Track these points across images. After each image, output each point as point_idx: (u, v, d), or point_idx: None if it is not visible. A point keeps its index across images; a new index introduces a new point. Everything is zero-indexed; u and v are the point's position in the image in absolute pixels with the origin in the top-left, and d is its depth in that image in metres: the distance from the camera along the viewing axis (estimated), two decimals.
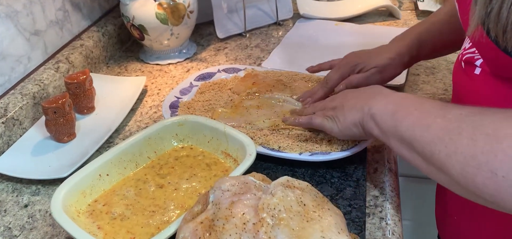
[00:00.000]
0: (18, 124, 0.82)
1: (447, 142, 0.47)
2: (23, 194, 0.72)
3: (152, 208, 0.62)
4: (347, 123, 0.63)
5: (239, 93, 0.85)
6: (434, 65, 1.01)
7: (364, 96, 0.62)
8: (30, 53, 0.90)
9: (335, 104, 0.67)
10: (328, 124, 0.66)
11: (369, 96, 0.61)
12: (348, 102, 0.64)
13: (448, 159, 0.46)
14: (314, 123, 0.69)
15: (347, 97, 0.65)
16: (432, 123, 0.49)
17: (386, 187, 0.69)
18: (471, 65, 0.58)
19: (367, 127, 0.60)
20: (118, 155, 0.67)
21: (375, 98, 0.60)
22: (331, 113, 0.66)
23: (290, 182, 0.53)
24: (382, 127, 0.57)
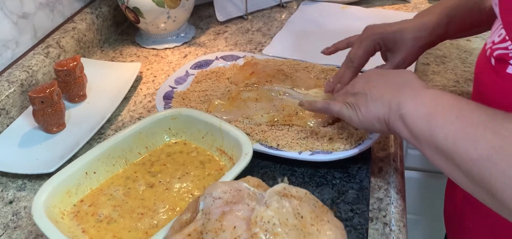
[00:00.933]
0: (5, 113, 0.78)
1: (501, 165, 0.40)
2: (9, 188, 0.69)
3: (141, 210, 0.59)
4: (369, 116, 0.56)
5: (237, 83, 0.80)
6: (445, 54, 0.95)
7: (391, 86, 0.54)
8: (18, 38, 0.85)
9: (357, 89, 0.58)
10: (348, 112, 0.59)
11: (398, 88, 0.53)
12: (372, 91, 0.56)
13: (504, 186, 0.40)
14: (332, 109, 0.61)
15: (371, 84, 0.57)
16: (480, 138, 0.42)
17: (391, 189, 0.65)
18: (503, 63, 0.51)
19: (394, 127, 0.53)
20: (107, 151, 0.63)
21: (404, 93, 0.52)
22: (352, 100, 0.59)
23: (286, 190, 0.49)
24: (414, 132, 0.50)
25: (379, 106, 0.55)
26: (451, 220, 0.72)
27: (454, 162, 0.45)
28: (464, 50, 0.96)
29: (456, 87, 0.86)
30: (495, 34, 0.53)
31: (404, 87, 0.53)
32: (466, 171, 0.44)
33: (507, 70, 0.51)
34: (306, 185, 0.64)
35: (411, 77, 0.55)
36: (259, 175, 0.66)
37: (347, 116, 0.59)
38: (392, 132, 0.55)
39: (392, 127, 0.54)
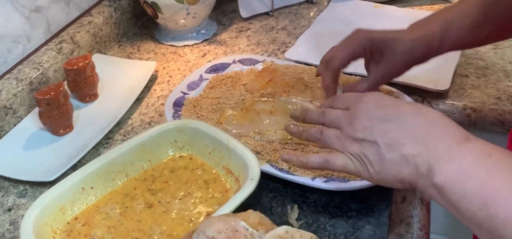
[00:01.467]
0: (12, 113, 0.76)
1: None
2: (10, 194, 0.66)
3: (136, 234, 0.55)
4: (387, 176, 0.44)
5: (252, 92, 0.75)
6: (487, 65, 0.86)
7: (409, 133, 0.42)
8: (29, 33, 0.82)
9: (361, 134, 0.45)
10: (355, 169, 0.47)
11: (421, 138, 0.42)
12: (385, 140, 0.43)
13: None
14: (334, 165, 0.48)
15: (380, 126, 0.44)
16: None
17: (414, 223, 0.59)
18: None
19: (428, 193, 0.42)
20: (106, 165, 0.60)
21: (432, 149, 0.40)
22: (358, 150, 0.46)
23: (289, 234, 0.43)
24: (461, 211, 0.38)
25: (400, 165, 0.43)
26: None
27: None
28: (510, 62, 0.86)
29: (497, 105, 0.77)
30: None
31: (430, 137, 0.42)
32: None
33: None
34: (319, 215, 0.58)
35: (434, 116, 0.43)
36: (267, 199, 0.60)
37: (355, 172, 0.47)
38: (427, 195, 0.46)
39: (426, 192, 0.42)
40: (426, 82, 0.78)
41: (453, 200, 0.39)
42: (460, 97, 0.79)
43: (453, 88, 0.81)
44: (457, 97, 0.79)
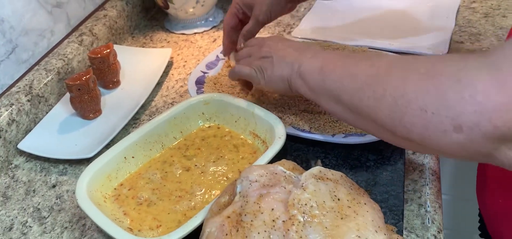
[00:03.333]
0: (44, 101, 0.81)
1: (375, 87, 0.46)
2: (51, 173, 0.72)
3: (179, 193, 0.60)
4: (274, 76, 0.61)
5: None
6: (480, 32, 0.92)
7: (294, 50, 0.60)
8: (53, 27, 0.87)
9: (264, 54, 0.63)
10: (256, 76, 0.64)
11: (300, 51, 0.59)
12: (278, 53, 0.62)
13: (376, 103, 0.45)
14: (243, 72, 0.66)
15: (277, 47, 0.63)
16: (359, 72, 0.49)
17: (426, 170, 0.65)
18: None
19: (295, 85, 0.59)
20: (144, 137, 0.65)
21: (304, 54, 0.58)
22: (259, 63, 0.64)
23: (322, 173, 0.49)
24: (311, 84, 0.56)
25: (283, 67, 0.60)
26: (483, 197, 0.71)
27: (342, 101, 0.51)
28: (500, 27, 0.93)
29: None
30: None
31: (306, 50, 0.59)
32: (350, 105, 0.50)
33: None
34: (340, 167, 0.64)
35: (314, 45, 0.62)
36: (292, 158, 0.66)
37: (255, 79, 0.64)
38: (293, 90, 0.60)
39: (293, 85, 0.59)
40: (426, 49, 0.85)
41: (307, 77, 0.56)
42: None
43: (450, 53, 0.87)
44: None
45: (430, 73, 0.41)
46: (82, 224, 0.63)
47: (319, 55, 0.57)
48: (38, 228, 0.63)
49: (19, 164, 0.74)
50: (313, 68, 0.55)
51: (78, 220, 0.63)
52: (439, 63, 0.42)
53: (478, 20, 0.96)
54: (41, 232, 0.62)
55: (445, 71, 0.40)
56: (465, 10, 0.99)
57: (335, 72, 0.52)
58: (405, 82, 0.43)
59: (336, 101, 0.52)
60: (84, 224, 0.63)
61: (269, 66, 0.62)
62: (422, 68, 0.42)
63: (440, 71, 0.41)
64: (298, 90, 0.59)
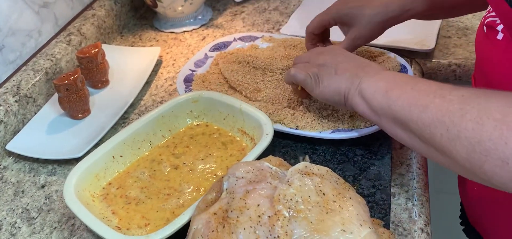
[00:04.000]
0: (32, 102, 0.80)
1: (448, 125, 0.44)
2: (40, 174, 0.71)
3: (167, 191, 0.60)
4: (331, 88, 0.59)
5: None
6: (467, 26, 0.93)
7: (354, 64, 0.59)
8: (40, 27, 0.87)
9: (323, 61, 0.61)
10: (311, 82, 0.61)
11: (360, 67, 0.58)
12: (338, 66, 0.59)
13: (451, 143, 0.43)
14: (298, 78, 0.63)
15: (338, 59, 0.61)
16: (430, 103, 0.46)
17: (413, 164, 0.65)
18: (493, 30, 0.53)
19: (352, 102, 0.57)
20: (132, 135, 0.65)
21: (365, 71, 0.56)
22: (316, 71, 0.61)
23: (308, 168, 0.49)
24: (373, 105, 0.54)
25: (342, 81, 0.58)
26: (463, 186, 0.72)
27: (410, 129, 0.49)
28: None
29: None
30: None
31: (366, 67, 0.57)
32: (420, 135, 0.48)
33: (497, 37, 0.52)
34: (328, 162, 0.65)
35: (374, 63, 0.59)
36: (280, 154, 0.67)
37: (309, 85, 0.62)
38: (348, 106, 0.58)
39: (349, 102, 0.57)
40: (413, 44, 0.86)
41: (369, 96, 0.54)
42: (445, 56, 0.86)
43: (438, 48, 0.88)
44: (442, 56, 0.86)
45: (507, 121, 0.40)
46: (71, 224, 0.63)
47: (382, 75, 0.55)
48: (27, 228, 0.63)
49: (7, 165, 0.74)
50: (377, 89, 0.53)
51: (68, 220, 0.63)
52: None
53: (465, 15, 0.97)
54: (30, 232, 0.62)
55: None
56: None
57: (402, 98, 0.50)
58: (481, 128, 0.41)
59: (403, 129, 0.50)
60: (73, 224, 0.63)
61: (326, 76, 0.60)
62: (498, 112, 0.40)
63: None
64: (354, 108, 0.57)
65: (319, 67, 0.61)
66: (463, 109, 0.43)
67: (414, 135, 0.49)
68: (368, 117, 0.55)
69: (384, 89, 0.52)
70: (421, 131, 0.47)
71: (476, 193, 0.67)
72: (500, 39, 0.52)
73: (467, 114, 0.42)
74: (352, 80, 0.57)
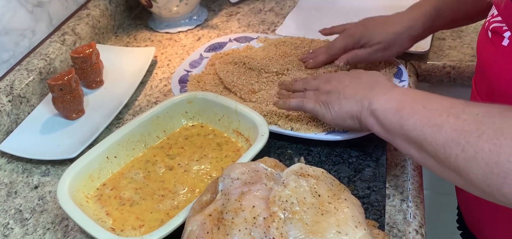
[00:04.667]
0: (26, 102, 0.80)
1: (464, 145, 0.43)
2: (33, 174, 0.71)
3: (161, 192, 0.60)
4: (342, 113, 0.59)
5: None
6: (461, 29, 0.94)
7: (363, 85, 0.58)
8: (34, 26, 0.86)
9: (330, 88, 0.61)
10: (321, 110, 0.61)
11: (368, 87, 0.57)
12: (345, 90, 0.59)
13: (467, 164, 0.43)
14: (306, 107, 0.63)
15: (344, 83, 0.60)
16: (444, 123, 0.46)
17: (408, 166, 0.66)
18: (498, 36, 0.53)
19: (366, 123, 0.56)
20: (126, 136, 0.65)
21: (375, 91, 0.56)
22: (325, 99, 0.61)
23: (303, 169, 0.49)
24: (385, 125, 0.53)
25: (351, 104, 0.58)
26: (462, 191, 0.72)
27: (423, 149, 0.48)
28: (481, 24, 0.94)
29: (473, 61, 0.84)
30: (494, 8, 0.54)
31: (375, 87, 0.57)
32: (434, 155, 0.47)
33: (502, 43, 0.52)
34: (323, 164, 0.65)
35: (382, 78, 0.59)
36: (275, 155, 0.67)
37: (320, 114, 0.62)
38: (364, 127, 0.58)
39: (364, 123, 0.57)
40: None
41: (381, 117, 0.54)
42: (439, 57, 0.86)
43: (433, 50, 0.88)
44: (436, 58, 0.87)
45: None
46: (65, 225, 0.62)
47: (392, 94, 0.54)
48: (20, 229, 0.62)
49: (0, 165, 0.73)
50: (388, 109, 0.53)
51: (61, 221, 0.63)
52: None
53: None
54: (23, 233, 0.62)
55: None
56: None
57: (415, 118, 0.49)
58: (499, 149, 0.40)
59: (417, 149, 0.49)
60: (67, 225, 0.62)
61: (336, 102, 0.60)
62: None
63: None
64: (370, 129, 0.57)
65: (328, 94, 0.61)
66: (479, 130, 0.42)
67: (428, 155, 0.48)
68: (383, 137, 0.55)
69: (395, 109, 0.52)
70: (436, 152, 0.46)
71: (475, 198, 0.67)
72: (505, 46, 0.52)
73: (484, 135, 0.41)
74: (362, 102, 0.56)
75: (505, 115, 0.42)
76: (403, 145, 0.52)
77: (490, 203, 0.63)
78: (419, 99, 0.51)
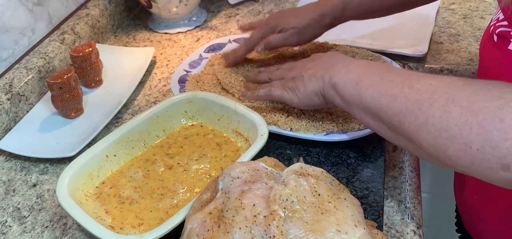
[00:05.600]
0: (24, 100, 0.80)
1: (416, 113, 0.45)
2: (32, 172, 0.71)
3: (161, 191, 0.60)
4: (307, 92, 0.61)
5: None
6: (459, 32, 0.94)
7: (323, 65, 0.60)
8: (33, 25, 0.86)
9: (294, 74, 0.64)
10: (288, 95, 0.64)
11: (329, 65, 0.59)
12: (307, 72, 0.62)
13: (419, 130, 0.45)
14: (274, 95, 0.65)
15: (306, 67, 0.63)
16: (399, 93, 0.48)
17: (406, 167, 0.66)
18: (505, 40, 0.54)
19: (329, 96, 0.59)
20: (126, 135, 0.65)
21: (335, 67, 0.58)
22: (291, 84, 0.63)
23: (303, 169, 0.50)
24: (345, 97, 0.56)
25: (314, 82, 0.60)
26: (461, 196, 0.73)
27: (380, 118, 0.51)
28: (478, 28, 0.95)
29: (470, 65, 0.85)
30: (500, 12, 0.54)
31: (336, 64, 0.59)
32: (389, 124, 0.50)
33: (509, 47, 0.53)
34: (322, 164, 0.65)
35: (340, 55, 0.61)
36: (274, 155, 0.67)
37: (288, 99, 0.64)
38: (328, 102, 0.60)
39: (327, 97, 0.59)
40: (406, 49, 0.87)
41: (340, 89, 0.56)
42: (437, 61, 0.87)
43: (430, 53, 0.89)
44: (434, 61, 0.87)
45: (472, 108, 0.41)
46: (63, 223, 0.62)
47: (351, 66, 0.56)
48: (18, 227, 0.62)
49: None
50: (347, 81, 0.55)
51: (59, 219, 0.63)
52: (480, 96, 0.42)
53: (457, 21, 0.98)
54: (21, 231, 0.62)
55: (486, 108, 0.41)
56: (445, 11, 1.01)
57: (372, 89, 0.51)
58: (448, 115, 0.43)
59: (374, 118, 0.52)
60: (65, 223, 0.62)
61: (301, 84, 0.62)
62: (464, 100, 0.42)
63: (481, 107, 0.41)
64: (332, 102, 0.59)
65: (293, 80, 0.63)
66: (431, 98, 0.45)
67: (383, 123, 0.51)
68: (343, 108, 0.58)
69: (355, 81, 0.54)
70: (390, 120, 0.49)
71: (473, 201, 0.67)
72: (511, 50, 0.53)
73: (435, 103, 0.44)
74: (323, 78, 0.59)
75: (456, 85, 0.44)
76: (361, 115, 0.54)
77: (488, 206, 0.63)
78: (377, 71, 0.53)
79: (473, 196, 0.67)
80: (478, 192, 0.65)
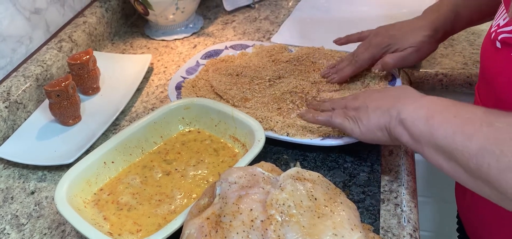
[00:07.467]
0: (22, 108, 0.80)
1: (498, 155, 0.41)
2: (30, 180, 0.71)
3: (159, 197, 0.60)
4: (371, 125, 0.58)
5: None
6: (453, 37, 0.95)
7: (391, 98, 0.57)
8: (31, 33, 0.87)
9: (358, 104, 0.60)
10: (349, 125, 0.61)
11: (397, 99, 0.56)
12: (373, 103, 0.58)
13: (501, 175, 0.41)
14: (334, 122, 0.62)
15: (372, 98, 0.60)
16: (476, 132, 0.44)
17: (402, 171, 0.67)
18: (508, 46, 0.53)
19: (395, 133, 0.55)
20: (123, 141, 0.65)
21: (403, 101, 0.55)
22: (353, 114, 0.60)
23: (300, 173, 0.50)
24: (414, 133, 0.52)
25: (379, 115, 0.57)
26: (463, 202, 0.73)
27: (454, 159, 0.47)
28: (472, 33, 0.96)
29: (465, 69, 0.86)
30: (501, 18, 0.54)
31: (403, 97, 0.56)
32: (465, 166, 0.45)
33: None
34: (318, 169, 0.66)
35: (409, 89, 0.58)
36: (271, 161, 0.67)
37: (348, 128, 0.61)
38: (394, 139, 0.56)
39: (393, 133, 0.55)
40: None
41: (409, 125, 0.52)
42: (432, 65, 0.88)
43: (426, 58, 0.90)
44: (429, 65, 0.88)
45: None
46: (62, 230, 0.62)
47: (421, 102, 0.53)
48: (16, 235, 0.62)
49: None
50: (417, 117, 0.51)
51: (58, 226, 0.63)
52: None
53: None
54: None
55: None
56: None
57: (445, 126, 0.47)
58: None
59: (447, 159, 0.48)
60: (64, 230, 0.62)
61: (364, 116, 0.59)
62: None
63: None
64: (399, 139, 0.55)
65: (356, 110, 0.60)
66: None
67: (458, 165, 0.46)
68: (411, 147, 0.54)
69: (425, 117, 0.50)
70: (467, 161, 0.45)
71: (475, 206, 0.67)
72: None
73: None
74: (390, 113, 0.55)
75: None
76: (432, 154, 0.50)
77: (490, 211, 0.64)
78: (450, 107, 0.49)
79: (475, 201, 0.67)
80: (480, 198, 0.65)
